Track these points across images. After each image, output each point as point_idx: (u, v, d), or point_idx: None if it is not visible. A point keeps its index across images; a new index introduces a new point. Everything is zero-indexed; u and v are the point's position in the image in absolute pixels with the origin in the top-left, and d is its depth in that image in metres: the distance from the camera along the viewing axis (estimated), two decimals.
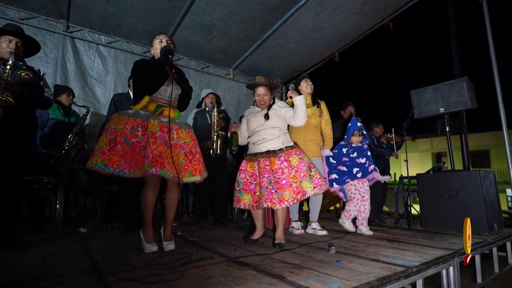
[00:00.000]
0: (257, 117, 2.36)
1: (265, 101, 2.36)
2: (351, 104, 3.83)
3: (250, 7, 4.01)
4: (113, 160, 1.82)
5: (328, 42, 5.01)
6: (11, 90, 1.81)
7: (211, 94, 3.61)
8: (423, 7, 5.16)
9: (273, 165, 2.19)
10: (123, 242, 2.32)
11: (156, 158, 1.82)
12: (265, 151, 2.26)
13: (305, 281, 1.31)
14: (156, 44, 2.07)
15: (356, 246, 2.14)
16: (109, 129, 1.90)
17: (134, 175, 1.85)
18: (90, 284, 1.30)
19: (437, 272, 1.66)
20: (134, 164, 1.86)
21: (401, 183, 3.90)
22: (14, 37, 2.06)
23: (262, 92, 2.35)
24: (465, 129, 3.82)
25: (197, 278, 1.38)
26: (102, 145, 1.85)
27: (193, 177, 2.02)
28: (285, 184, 2.13)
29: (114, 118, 1.94)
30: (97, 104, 4.43)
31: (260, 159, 2.26)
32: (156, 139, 1.87)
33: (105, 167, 1.80)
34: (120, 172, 1.82)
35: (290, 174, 2.16)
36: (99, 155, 1.82)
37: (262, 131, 2.30)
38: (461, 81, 3.08)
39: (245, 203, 2.29)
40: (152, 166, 1.79)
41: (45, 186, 2.46)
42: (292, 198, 2.11)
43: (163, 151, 1.88)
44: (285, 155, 2.21)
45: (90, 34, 4.43)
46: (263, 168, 2.23)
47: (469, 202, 2.73)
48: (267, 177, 2.20)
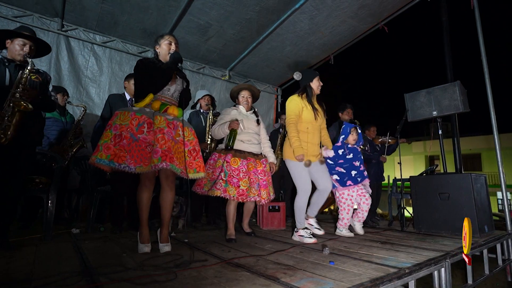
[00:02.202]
0: (249, 120, 2.70)
1: (248, 102, 2.78)
2: (349, 107, 3.78)
3: (247, 8, 4.02)
4: (118, 155, 1.78)
5: (323, 45, 5.05)
6: (28, 95, 1.82)
7: (207, 96, 3.60)
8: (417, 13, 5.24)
9: (258, 166, 2.59)
10: (116, 242, 2.30)
11: (165, 153, 1.81)
12: (248, 152, 2.60)
13: (298, 282, 1.32)
14: (164, 45, 2.04)
15: (349, 248, 2.16)
16: (113, 125, 1.86)
17: (140, 170, 1.80)
18: (82, 285, 1.29)
19: (429, 273, 1.67)
20: (140, 160, 1.81)
21: (394, 185, 3.94)
22: (29, 40, 2.04)
23: (247, 95, 2.78)
24: (458, 132, 3.87)
25: (191, 279, 1.38)
26: (107, 140, 1.81)
27: (198, 174, 2.02)
28: (265, 184, 2.58)
29: (118, 114, 1.90)
30: (91, 104, 4.39)
31: (249, 158, 2.57)
32: (164, 135, 1.87)
33: (110, 162, 1.76)
34: (126, 167, 1.77)
35: (268, 178, 2.65)
36: (103, 150, 1.77)
37: (251, 134, 2.67)
38: (454, 85, 3.13)
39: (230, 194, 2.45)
40: (162, 161, 1.78)
41: (37, 185, 2.42)
42: (267, 198, 2.56)
43: (171, 146, 1.87)
44: (248, 160, 2.55)
45: (85, 33, 4.39)
46: (253, 166, 2.57)
47: (461, 205, 2.76)
48: (219, 172, 2.46)
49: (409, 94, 3.42)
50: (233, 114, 2.69)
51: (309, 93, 2.63)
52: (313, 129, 2.60)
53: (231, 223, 2.54)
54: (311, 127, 2.58)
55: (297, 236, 2.51)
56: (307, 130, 2.56)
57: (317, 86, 2.66)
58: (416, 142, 19.46)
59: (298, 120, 2.56)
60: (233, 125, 2.55)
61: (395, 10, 4.40)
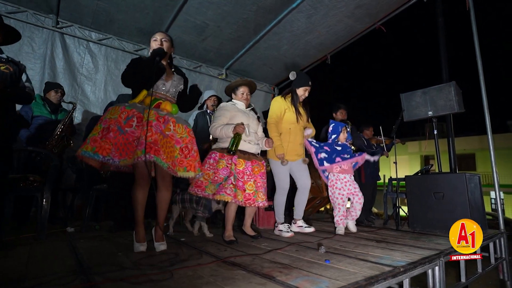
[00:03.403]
0: (246, 116, 2.50)
1: (248, 99, 2.62)
2: (342, 107, 3.86)
3: (244, 7, 4.01)
4: (103, 148, 1.76)
5: (320, 44, 5.06)
6: None
7: (213, 96, 3.60)
8: (413, 13, 5.27)
9: (239, 165, 2.35)
10: (112, 241, 2.29)
11: (150, 145, 1.78)
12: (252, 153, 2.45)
13: (294, 281, 1.32)
14: (152, 43, 2.08)
15: (345, 246, 2.17)
16: (104, 119, 1.87)
17: (124, 163, 1.80)
18: (77, 284, 1.28)
19: (423, 272, 1.69)
20: (125, 153, 1.81)
21: (390, 184, 3.96)
22: None
23: (246, 91, 2.61)
24: (452, 132, 3.91)
25: (187, 278, 1.38)
26: (95, 134, 1.81)
27: (188, 173, 1.96)
28: (241, 186, 2.31)
29: (110, 109, 1.91)
30: (86, 102, 4.36)
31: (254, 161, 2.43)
32: (151, 127, 1.84)
33: (95, 154, 1.75)
34: (109, 160, 1.76)
35: (248, 181, 2.34)
36: (90, 143, 1.77)
37: (251, 133, 2.47)
38: (449, 85, 3.15)
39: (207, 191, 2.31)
40: (146, 153, 1.73)
41: (31, 184, 2.39)
42: (241, 201, 2.28)
43: (158, 139, 1.85)
44: (253, 163, 2.41)
45: (81, 30, 4.34)
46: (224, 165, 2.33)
47: (455, 204, 2.79)
48: (225, 174, 2.31)
49: (405, 94, 3.45)
50: (228, 108, 2.52)
51: (294, 97, 2.78)
52: (296, 130, 2.74)
53: (230, 225, 2.41)
54: (293, 127, 2.72)
55: (277, 230, 2.69)
56: (289, 131, 2.71)
57: (302, 94, 2.79)
58: (411, 142, 19.59)
59: (280, 120, 2.71)
60: (239, 129, 2.31)
61: (392, 10, 4.43)
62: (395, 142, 3.94)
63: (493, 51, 23.90)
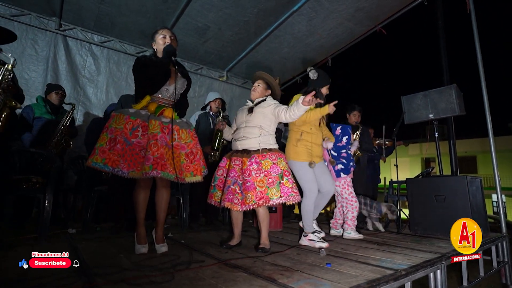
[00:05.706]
0: (243, 112, 2.35)
1: (256, 90, 2.36)
2: (358, 109, 3.55)
3: (245, 10, 4.03)
4: (112, 159, 1.80)
5: (321, 47, 5.07)
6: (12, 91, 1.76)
7: (218, 99, 3.59)
8: (414, 16, 5.28)
9: (243, 165, 2.13)
10: (113, 243, 2.29)
11: (157, 161, 1.81)
12: (241, 150, 2.21)
13: (295, 283, 1.32)
14: (159, 39, 2.01)
15: (346, 249, 2.16)
16: (109, 128, 1.87)
17: (133, 175, 1.82)
18: (78, 285, 1.28)
19: (425, 275, 1.68)
20: (133, 164, 1.83)
21: (391, 187, 3.96)
22: None
23: (257, 84, 2.40)
24: (453, 135, 3.90)
25: (188, 280, 1.38)
26: (103, 144, 1.83)
27: (195, 177, 1.99)
28: (249, 186, 2.03)
29: (114, 116, 1.90)
30: (88, 104, 4.38)
31: (232, 158, 2.21)
32: (157, 141, 1.85)
33: (105, 166, 1.79)
34: (119, 171, 1.80)
35: (257, 178, 2.06)
36: (99, 154, 1.80)
37: (243, 128, 2.27)
38: (450, 88, 3.15)
39: (216, 200, 2.22)
40: (153, 169, 1.78)
41: (34, 185, 2.40)
42: (254, 202, 1.99)
43: (164, 153, 1.86)
44: (258, 157, 2.12)
45: (83, 33, 4.37)
46: (232, 167, 2.17)
47: (457, 207, 2.78)
48: (232, 176, 2.15)
49: (405, 96, 3.45)
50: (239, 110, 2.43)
51: (320, 97, 2.45)
52: (317, 131, 2.55)
53: (236, 228, 2.27)
54: (314, 128, 2.53)
55: (307, 240, 2.34)
56: (311, 130, 2.49)
57: (325, 93, 2.58)
58: (412, 144, 19.55)
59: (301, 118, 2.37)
60: (218, 125, 2.37)
61: (392, 13, 4.44)
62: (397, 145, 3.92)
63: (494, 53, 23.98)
